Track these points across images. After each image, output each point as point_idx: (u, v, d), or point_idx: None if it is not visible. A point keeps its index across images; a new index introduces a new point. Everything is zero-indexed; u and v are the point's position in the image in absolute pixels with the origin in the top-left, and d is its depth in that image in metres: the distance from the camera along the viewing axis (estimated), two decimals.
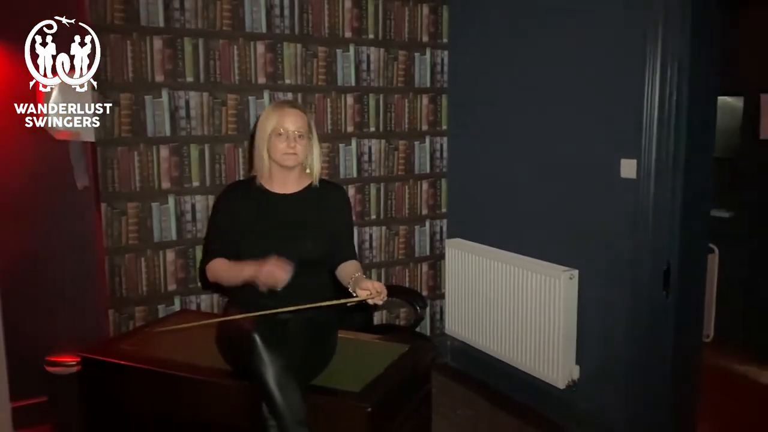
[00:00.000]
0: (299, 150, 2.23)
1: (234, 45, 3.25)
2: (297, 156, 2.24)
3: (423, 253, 3.98)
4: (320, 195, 2.32)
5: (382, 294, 2.08)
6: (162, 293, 3.23)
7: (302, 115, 2.26)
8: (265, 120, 2.25)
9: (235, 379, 2.05)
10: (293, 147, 2.21)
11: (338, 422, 1.96)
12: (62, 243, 3.27)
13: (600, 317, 3.07)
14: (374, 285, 2.09)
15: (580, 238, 3.13)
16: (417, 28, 3.76)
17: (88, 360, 2.35)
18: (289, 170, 2.28)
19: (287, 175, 2.29)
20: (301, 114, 2.26)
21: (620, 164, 2.87)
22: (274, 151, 2.23)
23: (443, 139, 3.95)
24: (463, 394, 3.70)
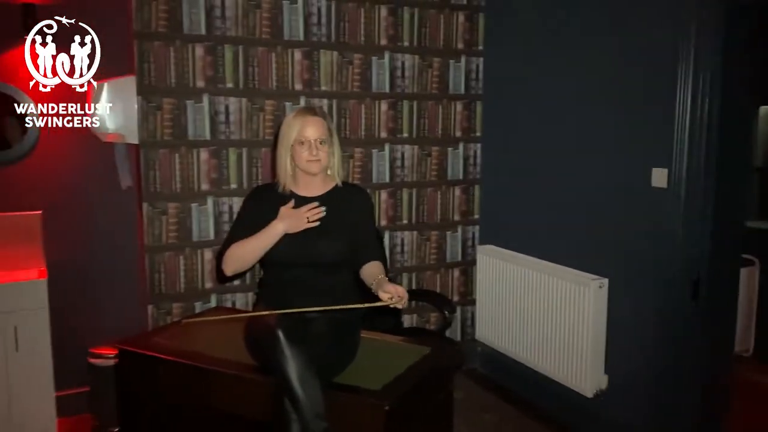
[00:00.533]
0: (322, 156, 2.31)
1: (272, 52, 3.36)
2: (320, 162, 2.31)
3: (454, 259, 4.01)
4: (343, 197, 2.39)
5: (403, 299, 2.13)
6: (199, 290, 3.35)
7: (322, 122, 2.33)
8: (287, 129, 2.33)
9: (260, 373, 2.13)
10: (315, 154, 2.29)
11: (357, 419, 2.02)
12: (106, 241, 3.45)
13: (629, 327, 3.05)
14: (396, 289, 2.14)
15: (611, 247, 3.12)
16: (452, 36, 3.81)
17: (124, 352, 2.47)
18: (313, 175, 2.35)
19: (312, 179, 2.37)
20: (321, 121, 2.33)
21: (651, 173, 2.85)
22: (298, 159, 2.31)
23: (477, 146, 3.98)
24: (490, 399, 3.71)
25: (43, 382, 3.15)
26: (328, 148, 2.33)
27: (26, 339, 3.09)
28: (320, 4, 3.43)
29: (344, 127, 3.57)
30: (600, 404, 3.17)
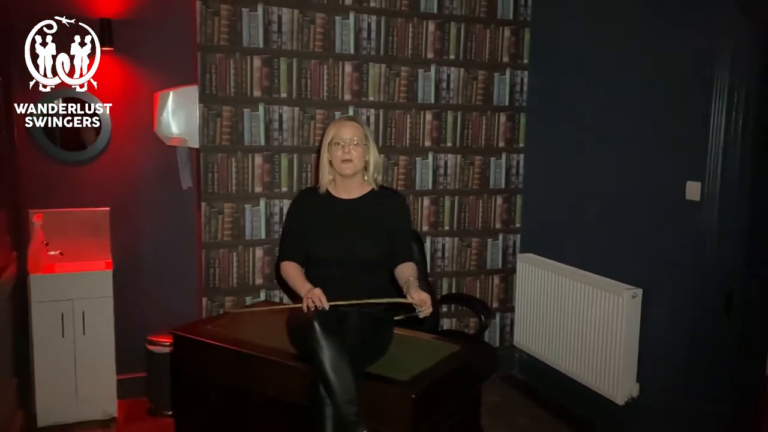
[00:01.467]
0: (354, 156, 2.49)
1: (324, 65, 3.57)
2: (353, 163, 2.49)
3: (495, 266, 4.12)
4: (380, 200, 2.57)
5: (425, 306, 2.26)
6: (250, 286, 3.57)
7: (357, 126, 2.53)
8: (326, 135, 2.55)
9: (299, 361, 2.31)
10: (348, 153, 2.47)
11: (386, 406, 2.17)
12: (166, 237, 3.72)
13: (662, 337, 3.10)
14: (420, 296, 2.28)
15: (645, 258, 3.18)
16: (498, 49, 3.94)
17: (178, 337, 2.69)
18: (351, 178, 2.53)
19: (350, 183, 2.55)
20: (356, 125, 2.53)
21: (686, 186, 2.91)
22: (334, 159, 2.51)
23: (520, 156, 4.09)
24: (526, 404, 3.80)
25: (106, 365, 3.44)
26: (363, 150, 2.51)
27: (92, 324, 3.38)
28: (370, 19, 3.62)
29: (390, 135, 3.75)
30: (631, 412, 3.22)
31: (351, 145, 2.48)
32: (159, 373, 3.50)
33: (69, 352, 3.35)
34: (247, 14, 3.39)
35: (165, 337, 3.43)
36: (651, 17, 3.12)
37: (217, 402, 2.59)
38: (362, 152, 2.51)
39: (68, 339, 3.34)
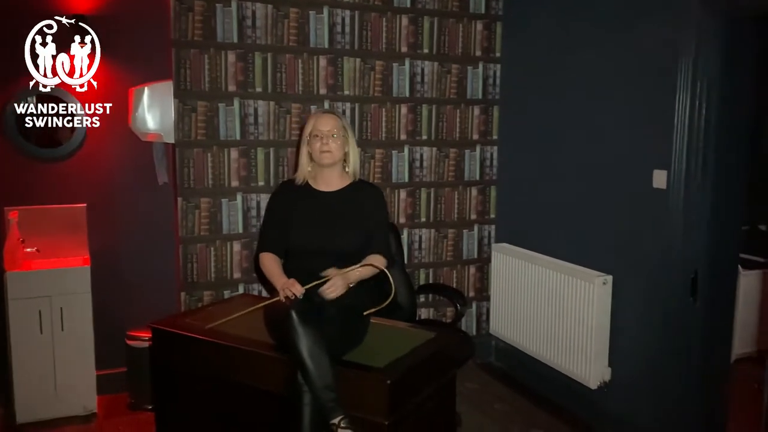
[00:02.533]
0: (333, 148, 2.54)
1: (299, 59, 3.60)
2: (331, 153, 2.54)
3: (471, 256, 4.19)
4: (358, 192, 2.62)
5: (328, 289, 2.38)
6: (228, 280, 3.60)
7: (336, 119, 2.58)
8: (305, 128, 2.60)
9: (278, 351, 2.35)
10: (327, 144, 2.53)
11: (363, 392, 2.22)
12: (144, 232, 3.73)
13: (632, 322, 3.19)
14: (336, 279, 2.40)
15: (615, 245, 3.27)
16: (470, 43, 4.00)
17: (157, 331, 2.72)
18: (330, 169, 2.58)
19: (330, 175, 2.60)
20: (334, 117, 2.58)
21: (652, 175, 2.99)
22: (313, 151, 2.55)
23: (494, 148, 4.16)
24: (502, 390, 3.88)
25: (85, 361, 3.45)
26: (341, 142, 2.55)
27: (71, 320, 3.38)
28: (344, 14, 3.66)
29: (366, 129, 3.79)
30: (604, 396, 3.32)
31: (330, 137, 2.53)
32: (139, 367, 3.52)
33: (47, 349, 3.35)
34: (221, 9, 3.41)
35: (144, 331, 3.44)
36: (618, 11, 3.20)
37: (198, 394, 2.62)
38: (341, 144, 2.56)
39: (46, 335, 3.34)
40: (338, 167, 2.60)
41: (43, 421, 3.37)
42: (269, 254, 2.61)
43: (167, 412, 2.78)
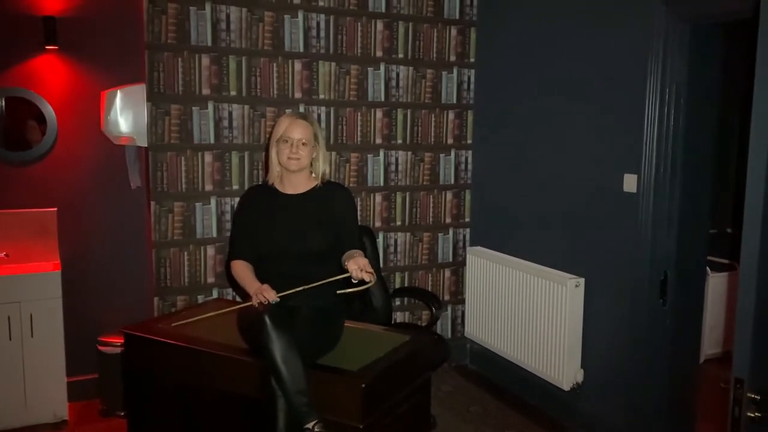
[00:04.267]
0: (302, 155, 2.54)
1: (274, 63, 3.60)
2: (299, 161, 2.54)
3: (446, 260, 4.21)
4: (326, 194, 2.62)
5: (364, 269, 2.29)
6: (202, 284, 3.58)
7: (308, 126, 2.57)
8: (276, 128, 2.59)
9: (251, 356, 2.35)
10: (296, 152, 2.52)
11: (337, 396, 2.22)
12: (116, 237, 3.69)
13: (603, 323, 3.24)
14: (358, 261, 2.31)
15: (587, 248, 3.31)
16: (445, 48, 4.03)
17: (129, 336, 2.69)
18: (297, 174, 2.58)
19: (296, 178, 2.60)
20: (306, 124, 2.57)
21: (623, 179, 3.04)
22: (281, 155, 2.55)
23: (468, 153, 4.19)
24: (477, 393, 3.90)
25: (55, 368, 3.39)
26: (311, 150, 2.55)
27: (41, 327, 3.32)
28: (319, 18, 3.67)
29: (341, 133, 3.80)
30: (576, 397, 3.36)
31: (299, 145, 2.53)
32: (111, 373, 3.47)
33: (16, 355, 3.29)
34: (194, 12, 3.39)
35: (116, 337, 3.41)
36: (588, 17, 3.26)
37: (171, 400, 2.60)
38: (309, 151, 2.56)
39: (15, 342, 3.28)
40: (305, 170, 2.61)
41: (12, 429, 3.31)
42: (240, 261, 2.60)
43: (140, 418, 2.75)
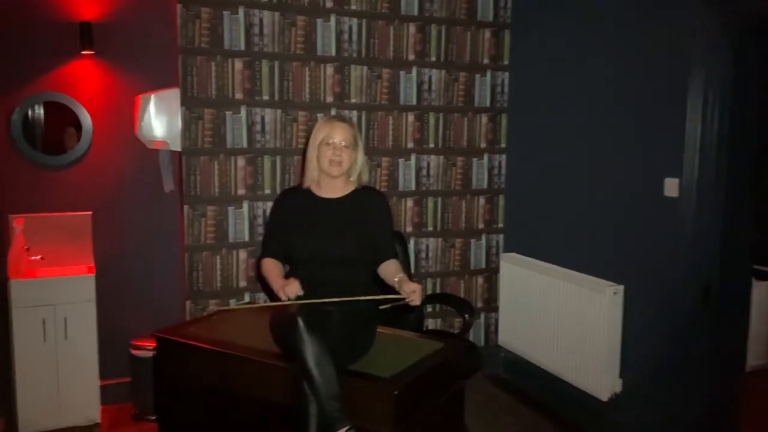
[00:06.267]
0: (344, 159, 2.50)
1: (306, 67, 3.59)
2: (341, 166, 2.50)
3: (478, 266, 4.14)
4: (362, 199, 2.58)
5: (414, 295, 2.28)
6: (234, 288, 3.57)
7: (349, 129, 2.53)
8: (316, 131, 2.54)
9: (284, 360, 2.31)
10: (338, 156, 2.48)
11: (369, 403, 2.17)
12: (149, 240, 3.70)
13: (643, 332, 3.13)
14: (410, 287, 2.30)
15: (626, 255, 3.22)
16: (478, 51, 3.97)
17: (161, 339, 2.68)
18: (336, 178, 2.54)
19: (334, 183, 2.56)
20: (348, 128, 2.53)
21: (664, 183, 2.95)
22: (322, 159, 2.51)
23: (502, 157, 4.12)
24: (511, 403, 3.82)
25: (89, 371, 3.41)
26: (351, 153, 2.52)
27: (75, 329, 3.35)
28: (351, 22, 3.65)
29: (372, 137, 3.77)
30: (614, 407, 3.25)
31: (342, 149, 2.49)
32: (143, 377, 3.47)
33: (51, 358, 3.32)
34: (228, 17, 3.40)
35: (149, 341, 3.41)
36: (629, 18, 3.17)
37: (202, 404, 2.58)
38: (351, 155, 2.52)
39: (50, 344, 3.31)
40: (344, 176, 2.57)
41: (45, 431, 3.33)
42: (270, 259, 2.57)
43: (170, 422, 2.74)
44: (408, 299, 2.30)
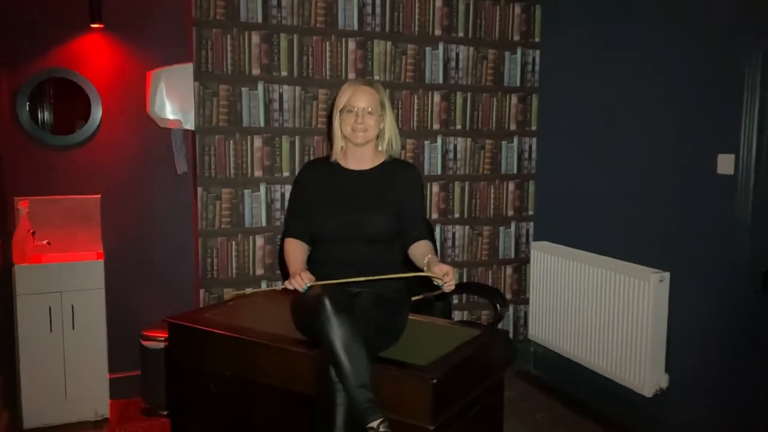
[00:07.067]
0: (369, 125, 2.27)
1: (326, 42, 3.38)
2: (366, 132, 2.28)
3: (507, 256, 3.92)
4: (393, 172, 2.34)
5: (448, 278, 2.06)
6: (250, 276, 3.36)
7: (374, 93, 2.30)
8: (339, 98, 2.32)
9: (306, 347, 2.11)
10: (361, 123, 2.26)
11: (403, 393, 1.95)
12: (161, 225, 3.53)
13: (692, 322, 2.90)
14: (441, 268, 2.08)
15: (672, 239, 2.98)
16: (508, 27, 3.75)
17: (173, 326, 2.48)
18: (362, 147, 2.32)
19: (362, 152, 2.34)
20: (372, 91, 2.30)
21: (717, 160, 2.72)
22: (345, 127, 2.29)
23: (532, 140, 3.89)
24: (543, 400, 3.59)
25: (97, 362, 3.24)
26: (378, 119, 2.30)
27: (83, 318, 3.18)
28: None
29: (396, 117, 3.55)
30: (660, 404, 3.02)
31: (365, 114, 2.28)
32: (154, 370, 3.30)
33: (57, 349, 3.15)
34: None
35: (160, 331, 3.24)
36: None
37: (217, 395, 2.36)
38: (377, 121, 2.30)
39: (56, 334, 3.14)
40: (372, 144, 2.35)
41: (51, 426, 3.16)
42: (293, 240, 2.36)
43: (184, 415, 2.52)
44: (439, 282, 2.08)
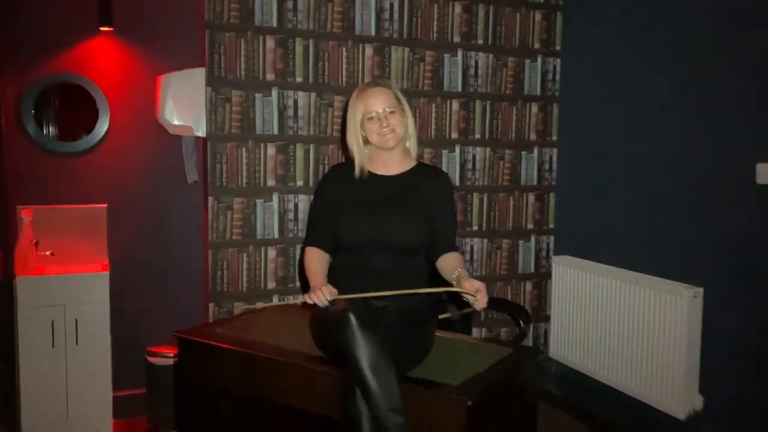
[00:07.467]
0: (395, 125, 2.16)
1: (343, 47, 3.27)
2: (395, 132, 2.16)
3: (527, 270, 3.77)
4: (423, 178, 2.22)
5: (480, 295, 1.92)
6: (261, 290, 3.22)
7: (387, 91, 2.19)
8: (353, 108, 2.21)
9: (327, 364, 1.97)
10: (386, 125, 2.14)
11: (435, 415, 1.81)
12: (169, 236, 3.41)
13: (728, 341, 2.75)
14: (473, 284, 1.94)
15: (707, 252, 2.84)
16: (528, 35, 3.64)
17: (184, 341, 2.34)
18: (390, 151, 2.20)
19: (389, 156, 2.22)
20: (385, 90, 2.19)
21: (755, 169, 2.59)
22: (371, 135, 2.17)
23: (553, 151, 3.77)
24: (567, 422, 3.43)
25: (101, 380, 3.10)
26: (401, 116, 2.18)
27: (86, 333, 3.05)
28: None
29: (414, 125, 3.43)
30: (694, 427, 2.86)
31: (387, 115, 2.15)
32: (160, 388, 3.15)
33: (60, 364, 3.00)
34: None
35: (167, 348, 3.10)
36: None
37: (229, 415, 2.22)
38: (400, 117, 2.18)
39: (59, 349, 3.00)
40: (399, 147, 2.22)
41: None
42: (314, 249, 2.23)
43: None
44: (470, 299, 1.94)
